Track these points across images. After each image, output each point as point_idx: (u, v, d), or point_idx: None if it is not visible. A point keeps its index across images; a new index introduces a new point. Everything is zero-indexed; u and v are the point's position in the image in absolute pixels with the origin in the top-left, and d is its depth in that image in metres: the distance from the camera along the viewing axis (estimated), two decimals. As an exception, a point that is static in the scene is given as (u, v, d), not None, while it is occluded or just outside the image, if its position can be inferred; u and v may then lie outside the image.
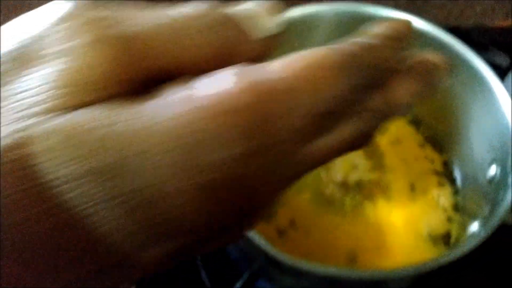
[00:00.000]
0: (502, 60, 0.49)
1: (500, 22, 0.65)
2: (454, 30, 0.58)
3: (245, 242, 0.27)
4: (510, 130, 0.29)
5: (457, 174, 0.37)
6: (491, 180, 0.30)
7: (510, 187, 0.26)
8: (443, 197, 0.35)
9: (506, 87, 0.48)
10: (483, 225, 0.28)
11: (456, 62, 0.35)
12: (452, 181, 0.37)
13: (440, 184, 0.36)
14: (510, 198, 0.26)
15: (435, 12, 0.69)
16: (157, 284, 0.36)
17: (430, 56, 0.16)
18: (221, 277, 0.35)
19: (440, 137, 0.39)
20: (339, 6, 0.39)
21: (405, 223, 0.34)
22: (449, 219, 0.34)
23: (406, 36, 0.15)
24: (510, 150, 0.28)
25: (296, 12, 0.38)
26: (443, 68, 0.16)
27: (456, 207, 0.34)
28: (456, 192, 0.36)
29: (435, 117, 0.39)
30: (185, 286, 0.37)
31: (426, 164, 0.38)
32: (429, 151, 0.38)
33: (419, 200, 0.35)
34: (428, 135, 0.40)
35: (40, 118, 0.09)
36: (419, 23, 0.37)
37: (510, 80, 0.48)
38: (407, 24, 0.16)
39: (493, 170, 0.31)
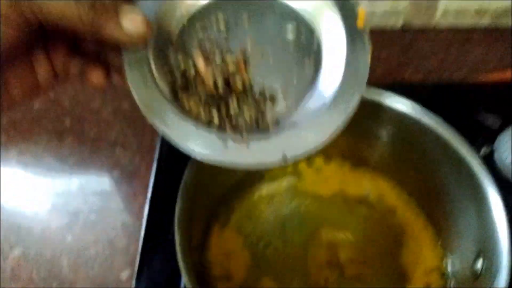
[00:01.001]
0: (493, 121, 0.49)
1: (492, 75, 0.66)
2: (446, 87, 0.59)
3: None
4: (497, 226, 0.29)
5: (449, 265, 0.36)
6: (477, 274, 0.30)
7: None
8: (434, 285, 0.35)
9: (497, 148, 0.48)
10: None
11: (445, 148, 0.35)
12: (443, 272, 0.36)
13: (432, 273, 0.36)
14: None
15: (428, 62, 0.70)
16: None
17: None
18: None
19: (435, 220, 0.38)
20: None
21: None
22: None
23: None
24: (495, 248, 0.28)
25: None
26: None
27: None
28: (445, 283, 0.35)
29: (426, 198, 0.38)
30: None
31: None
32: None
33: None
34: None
35: None
36: (411, 108, 0.37)
37: (501, 141, 0.48)
38: None
39: (479, 264, 0.30)
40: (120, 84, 0.29)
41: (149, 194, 0.48)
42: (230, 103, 0.27)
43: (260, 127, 0.27)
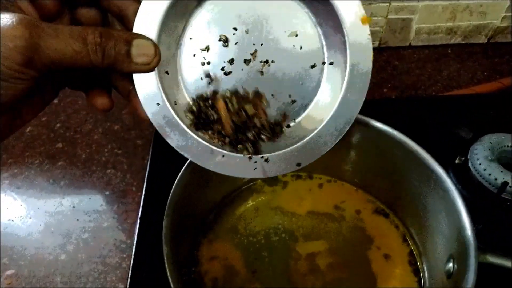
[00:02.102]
0: (466, 133, 0.53)
1: (464, 89, 0.70)
2: (422, 100, 0.62)
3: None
4: (464, 230, 0.31)
5: (425, 267, 0.38)
6: (449, 275, 0.32)
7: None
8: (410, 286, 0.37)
9: (470, 156, 0.51)
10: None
11: (414, 161, 0.37)
12: (418, 272, 0.38)
13: (405, 276, 0.38)
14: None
15: (405, 78, 0.74)
16: None
17: None
18: None
19: (409, 226, 0.41)
20: None
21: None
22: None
23: None
24: (464, 251, 0.30)
25: None
26: None
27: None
28: (421, 281, 0.37)
29: (401, 207, 0.41)
30: None
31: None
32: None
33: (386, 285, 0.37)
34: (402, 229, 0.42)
35: None
36: (382, 126, 0.39)
37: (474, 150, 0.51)
38: None
39: (450, 266, 0.32)
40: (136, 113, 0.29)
41: (140, 212, 0.49)
42: (248, 133, 0.29)
43: (275, 132, 0.29)
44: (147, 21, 0.26)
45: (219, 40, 0.28)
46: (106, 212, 0.53)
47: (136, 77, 0.27)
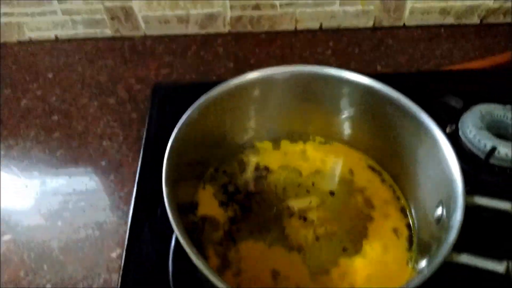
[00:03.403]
0: (456, 102, 0.54)
1: (457, 65, 0.71)
2: (415, 76, 0.63)
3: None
4: (453, 175, 0.32)
5: (414, 215, 0.40)
6: (438, 220, 0.33)
7: (453, 228, 0.29)
8: (401, 237, 0.38)
9: (461, 125, 0.52)
10: (429, 263, 0.31)
11: (405, 116, 0.38)
12: (409, 224, 0.40)
13: (398, 224, 0.39)
14: (452, 238, 0.29)
15: (398, 57, 0.75)
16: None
17: None
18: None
19: (399, 181, 0.42)
20: (295, 68, 0.42)
21: (363, 260, 0.36)
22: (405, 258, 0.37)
23: None
24: (452, 193, 0.31)
25: (254, 74, 0.41)
26: None
27: (412, 246, 0.37)
28: (412, 232, 0.39)
29: (392, 162, 0.42)
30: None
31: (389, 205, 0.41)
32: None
33: (378, 237, 0.38)
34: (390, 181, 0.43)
35: None
36: (373, 83, 0.40)
37: (465, 119, 0.52)
38: None
39: (439, 211, 0.33)
40: None
41: (137, 177, 0.50)
42: None
43: None
44: None
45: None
46: (102, 181, 0.54)
47: None
